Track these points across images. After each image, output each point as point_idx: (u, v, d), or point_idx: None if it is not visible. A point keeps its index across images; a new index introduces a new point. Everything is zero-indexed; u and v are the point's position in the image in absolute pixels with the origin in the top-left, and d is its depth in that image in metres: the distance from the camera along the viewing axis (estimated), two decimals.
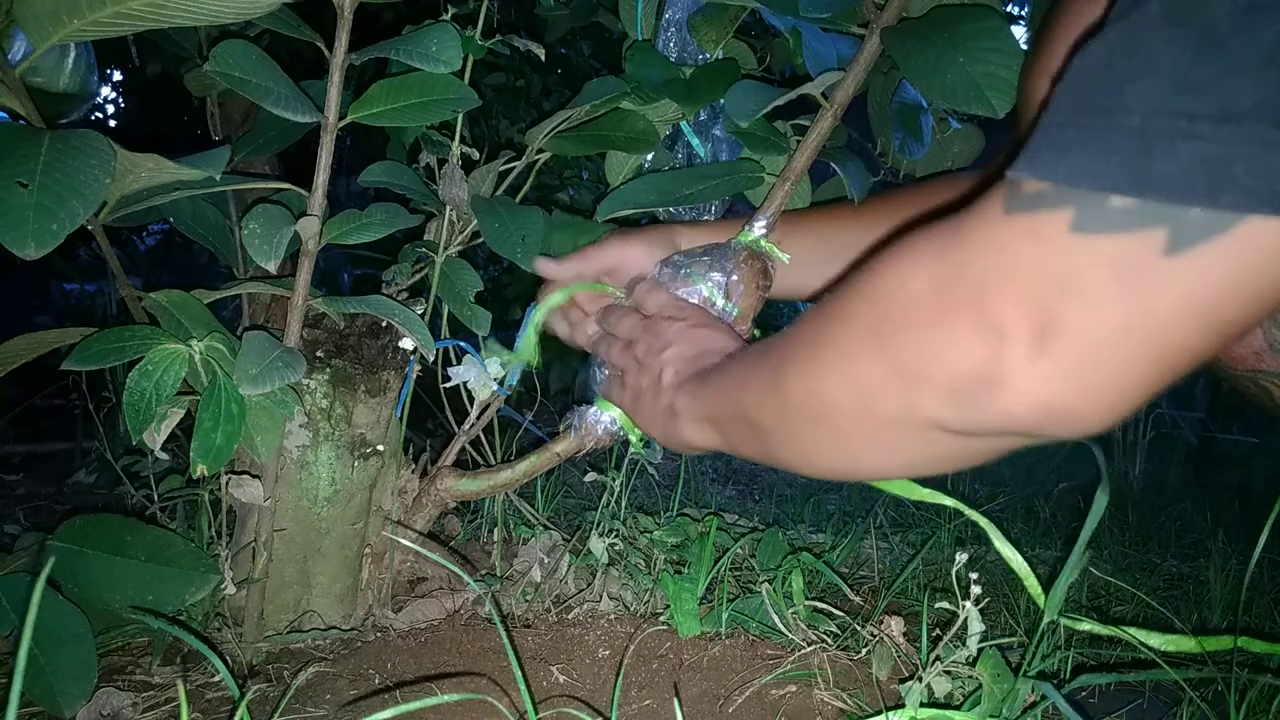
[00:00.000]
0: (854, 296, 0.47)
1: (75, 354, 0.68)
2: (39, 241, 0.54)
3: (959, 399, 0.41)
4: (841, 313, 0.48)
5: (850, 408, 0.47)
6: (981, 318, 0.39)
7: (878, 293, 0.45)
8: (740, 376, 0.58)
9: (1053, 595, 0.73)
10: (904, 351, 0.43)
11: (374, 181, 0.86)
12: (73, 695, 0.70)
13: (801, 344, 0.52)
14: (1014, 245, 0.38)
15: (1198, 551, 1.48)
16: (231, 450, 0.71)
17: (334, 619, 0.91)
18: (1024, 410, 0.39)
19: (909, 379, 0.43)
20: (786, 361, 0.52)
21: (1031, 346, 0.38)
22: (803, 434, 0.53)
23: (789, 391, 0.52)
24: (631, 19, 1.00)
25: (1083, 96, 0.36)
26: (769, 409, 0.54)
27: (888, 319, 0.44)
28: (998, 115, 0.69)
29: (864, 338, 0.46)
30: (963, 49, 0.70)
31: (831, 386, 0.48)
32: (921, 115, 1.04)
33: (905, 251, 0.44)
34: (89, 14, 0.60)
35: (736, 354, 0.64)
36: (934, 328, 0.41)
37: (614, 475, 1.11)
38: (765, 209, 0.84)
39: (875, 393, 0.45)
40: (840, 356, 0.47)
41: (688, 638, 0.89)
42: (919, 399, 0.43)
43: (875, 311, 0.45)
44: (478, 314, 0.91)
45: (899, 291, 0.43)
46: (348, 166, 1.65)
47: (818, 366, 0.49)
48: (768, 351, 0.56)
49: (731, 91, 0.84)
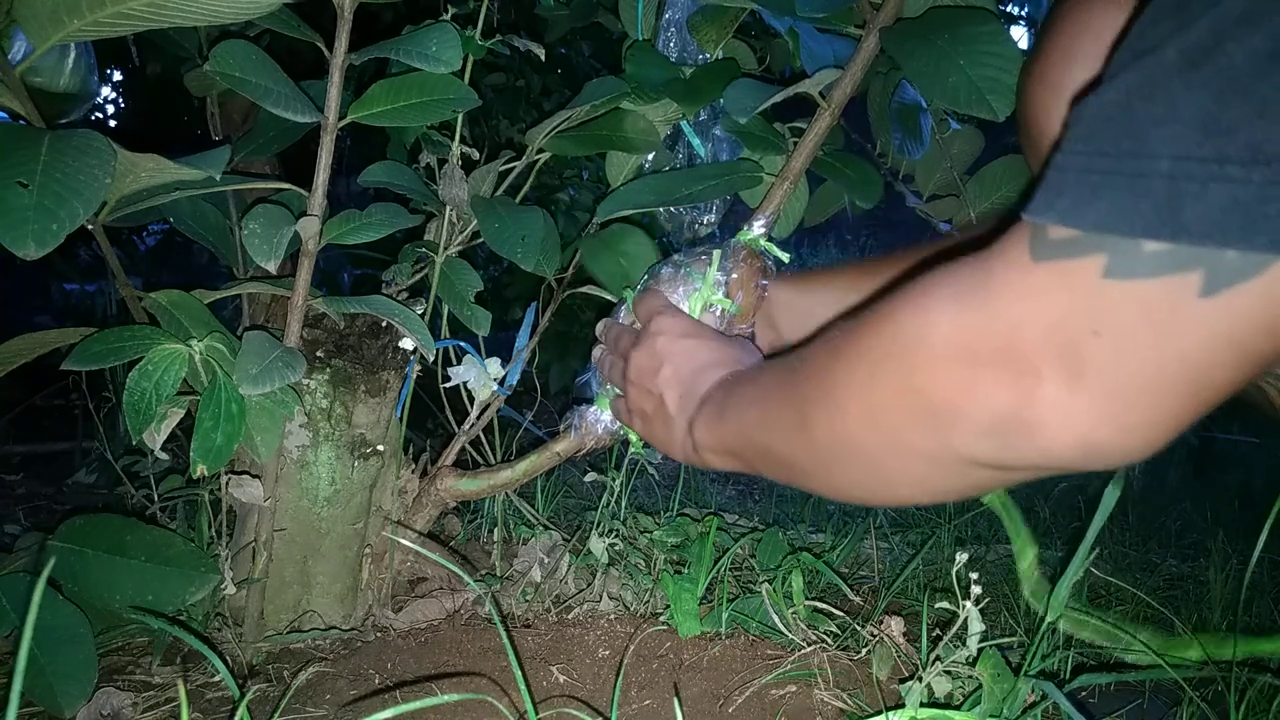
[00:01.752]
0: (873, 340, 0.47)
1: (75, 354, 0.68)
2: (39, 241, 0.54)
3: (996, 439, 0.41)
4: (861, 356, 0.48)
5: (882, 449, 0.47)
6: (1014, 362, 0.39)
7: (901, 337, 0.45)
8: (760, 414, 0.57)
9: (1056, 594, 0.73)
10: (935, 397, 0.43)
11: (374, 181, 0.86)
12: (73, 695, 0.70)
13: (823, 387, 0.51)
14: (1045, 291, 0.38)
15: (1198, 551, 1.48)
16: (231, 450, 0.71)
17: (334, 619, 0.91)
18: (1063, 448, 0.40)
19: (942, 422, 0.43)
20: (810, 404, 0.52)
21: (1067, 387, 0.38)
22: (834, 471, 0.52)
23: (816, 434, 0.51)
24: (631, 19, 1.00)
25: (1103, 141, 0.36)
26: (797, 448, 0.54)
27: (914, 365, 0.44)
28: (998, 118, 0.69)
29: (890, 384, 0.45)
30: (963, 52, 0.70)
31: (861, 430, 0.48)
32: (921, 115, 1.05)
33: (926, 296, 0.44)
34: (89, 14, 0.60)
35: (745, 379, 0.63)
36: (965, 373, 0.41)
37: (614, 475, 1.11)
38: (764, 209, 0.84)
39: (907, 435, 0.45)
40: (867, 402, 0.47)
41: (688, 638, 0.90)
42: (954, 440, 0.43)
43: (899, 357, 0.45)
44: (478, 314, 0.92)
45: (923, 337, 0.43)
46: (348, 166, 1.65)
47: (844, 413, 0.49)
48: (787, 387, 0.55)
49: (730, 89, 0.85)
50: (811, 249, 4.78)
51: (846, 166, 0.91)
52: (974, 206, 1.09)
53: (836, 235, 4.93)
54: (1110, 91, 0.37)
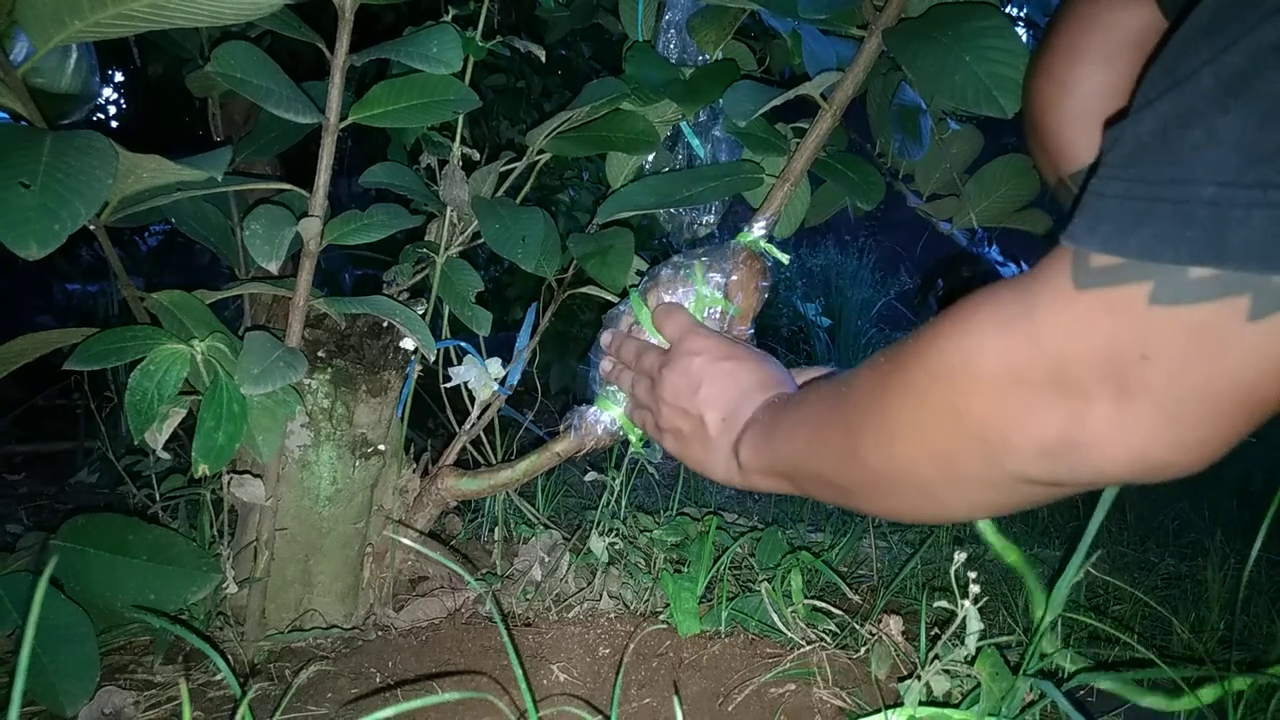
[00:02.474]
0: (918, 368, 0.47)
1: (77, 354, 0.68)
2: (41, 242, 0.54)
3: (1050, 461, 0.42)
4: (908, 385, 0.48)
5: (934, 474, 0.48)
6: (1065, 386, 0.40)
7: (946, 366, 0.45)
8: (810, 440, 0.58)
9: (1055, 593, 0.74)
10: (986, 423, 0.44)
11: (375, 182, 0.86)
12: (75, 694, 0.70)
13: (871, 415, 0.51)
14: (1091, 318, 0.39)
15: (1196, 550, 1.48)
16: (233, 450, 0.71)
17: (335, 618, 0.91)
18: (1117, 466, 0.40)
19: (995, 447, 0.44)
20: (859, 433, 0.52)
21: (1119, 408, 0.39)
22: (886, 495, 0.53)
23: (867, 461, 0.52)
24: (631, 20, 1.00)
25: (1142, 167, 0.37)
26: (849, 475, 0.54)
27: (962, 393, 0.44)
28: (1006, 115, 0.68)
29: (939, 412, 0.46)
30: (968, 49, 0.70)
31: (912, 458, 0.48)
32: (920, 116, 1.05)
33: (968, 323, 0.44)
34: (91, 15, 0.60)
35: (792, 403, 0.62)
36: (1015, 399, 0.42)
37: (614, 475, 1.11)
38: (765, 209, 0.85)
39: (959, 461, 0.46)
40: (916, 431, 0.48)
41: (687, 636, 0.90)
42: (1008, 463, 0.44)
43: (946, 385, 0.45)
44: (478, 314, 0.92)
45: (970, 364, 0.44)
46: (349, 167, 1.65)
47: (894, 441, 0.49)
48: (834, 413, 0.55)
49: (730, 91, 0.85)
50: (811, 249, 4.78)
51: (848, 168, 0.91)
52: (974, 206, 1.09)
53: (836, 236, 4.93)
54: (1147, 119, 0.37)
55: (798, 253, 4.52)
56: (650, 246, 2.16)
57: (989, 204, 1.09)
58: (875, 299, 4.22)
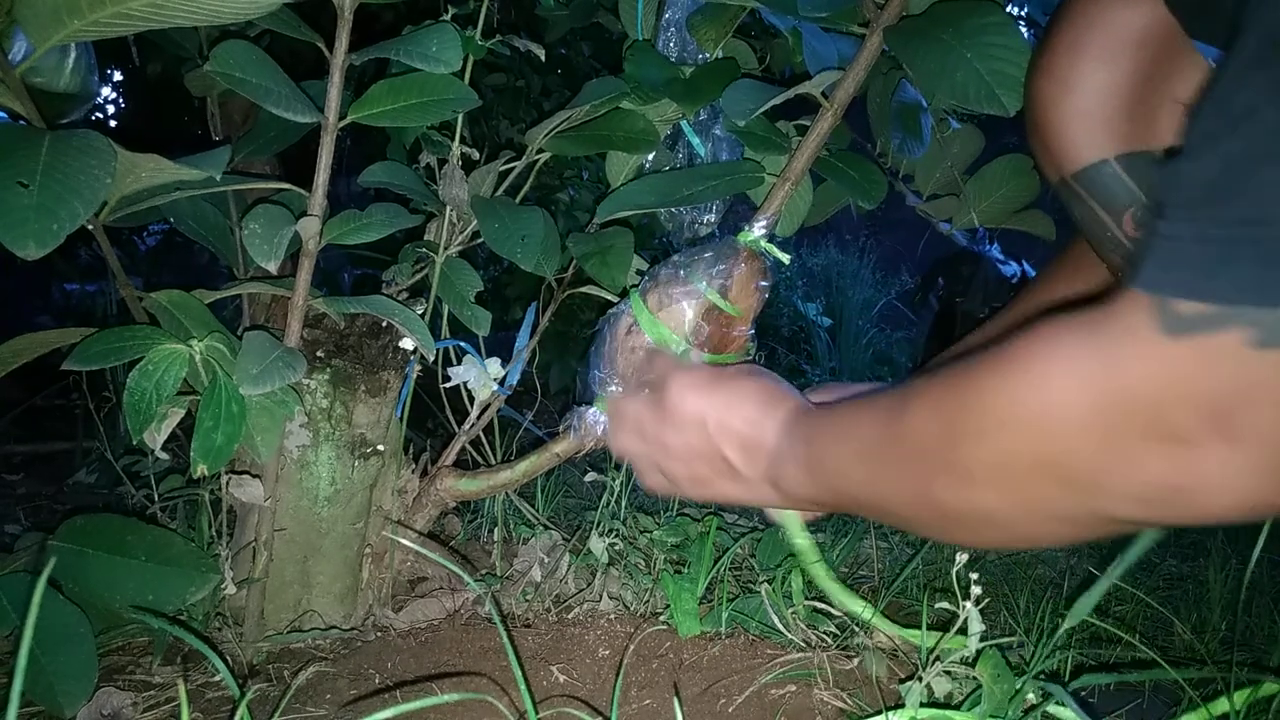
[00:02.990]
0: (990, 420, 0.45)
1: (76, 354, 0.68)
2: (39, 241, 0.54)
3: (1149, 506, 0.41)
4: (984, 435, 0.46)
5: (1018, 514, 0.47)
6: (1165, 432, 0.39)
7: (1024, 418, 0.44)
8: (870, 474, 0.55)
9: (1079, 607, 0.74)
10: (1080, 470, 0.42)
11: (374, 182, 0.86)
12: (73, 695, 0.70)
13: (945, 459, 0.49)
14: (1187, 368, 0.38)
15: (1197, 551, 1.48)
16: (232, 450, 0.71)
17: (334, 619, 0.91)
18: (1223, 509, 0.40)
19: (1088, 493, 0.43)
20: (931, 475, 0.50)
21: (1224, 453, 0.38)
22: (962, 530, 0.52)
23: (942, 501, 0.50)
24: (631, 19, 1.00)
25: (1214, 209, 0.36)
26: (920, 511, 0.52)
27: (1049, 444, 0.43)
28: (1009, 113, 0.68)
29: (1022, 461, 0.44)
30: (970, 46, 0.69)
31: (995, 501, 0.47)
32: (921, 115, 1.05)
33: (1040, 375, 0.43)
34: (89, 14, 0.60)
35: (830, 428, 0.59)
36: (1112, 448, 0.41)
37: (614, 475, 1.11)
38: (765, 209, 0.84)
39: (1048, 504, 0.45)
40: (998, 479, 0.46)
41: (687, 637, 0.90)
42: (1102, 507, 0.43)
43: (1029, 437, 0.44)
44: (478, 314, 0.92)
45: (1053, 417, 0.42)
46: (348, 167, 1.65)
47: (973, 485, 0.48)
48: (895, 448, 0.53)
49: (729, 91, 0.84)
50: (811, 249, 4.78)
51: (850, 167, 0.90)
52: (974, 206, 1.09)
53: (837, 235, 4.93)
54: (1208, 158, 0.36)
55: (798, 252, 4.52)
56: (650, 246, 2.16)
57: (989, 204, 1.08)
58: (876, 299, 4.22)
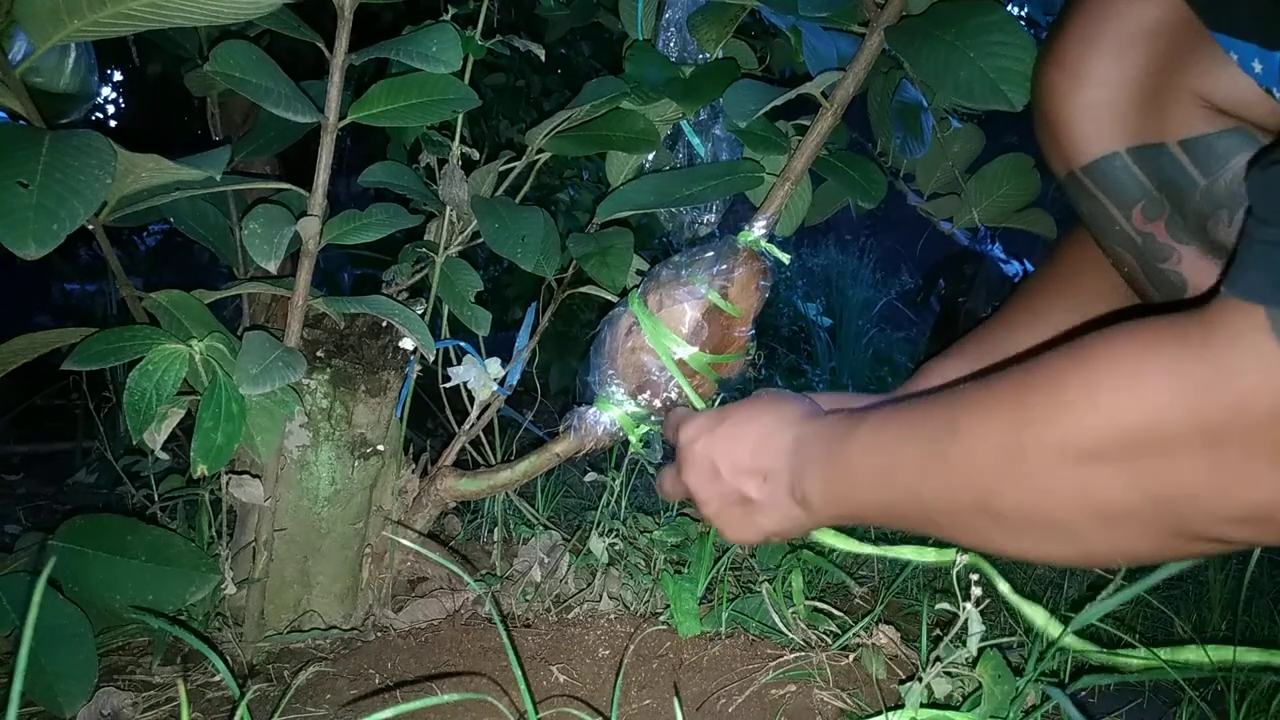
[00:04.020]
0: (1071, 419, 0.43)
1: (76, 354, 0.68)
2: (39, 241, 0.54)
3: (1250, 526, 0.40)
4: (1058, 430, 0.44)
5: (1094, 531, 0.45)
6: (1273, 450, 0.38)
7: (1113, 419, 0.42)
8: (916, 485, 0.53)
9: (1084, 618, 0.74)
10: (1173, 483, 0.41)
11: (374, 182, 0.86)
12: (73, 695, 0.70)
13: (1015, 473, 0.46)
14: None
15: None
16: (232, 450, 0.71)
17: (334, 619, 0.91)
18: None
19: (1183, 507, 0.41)
20: (997, 488, 0.48)
21: None
22: (1024, 542, 0.49)
23: (1005, 513, 0.48)
24: (631, 19, 1.00)
25: None
26: (976, 524, 0.50)
27: (1137, 448, 0.41)
28: (1015, 109, 0.67)
29: (1105, 465, 0.42)
30: (973, 44, 0.69)
31: (1068, 513, 0.45)
32: (921, 114, 1.04)
33: (1140, 380, 0.41)
34: (89, 14, 0.60)
35: (860, 437, 0.57)
36: (1212, 461, 0.39)
37: (614, 475, 1.11)
38: (766, 209, 0.84)
39: (1131, 519, 0.43)
40: (1074, 483, 0.44)
41: (688, 637, 0.89)
42: (1196, 525, 0.42)
43: (1114, 437, 0.42)
44: (478, 314, 0.92)
45: (1149, 421, 0.41)
46: (348, 167, 1.65)
47: (1042, 494, 0.46)
48: (944, 461, 0.50)
49: (730, 91, 0.84)
50: (811, 249, 4.78)
51: (850, 166, 0.90)
52: (975, 205, 1.09)
53: (837, 235, 4.93)
54: None
55: (798, 252, 4.51)
56: (650, 246, 2.16)
57: (990, 203, 1.08)
58: (876, 298, 4.22)
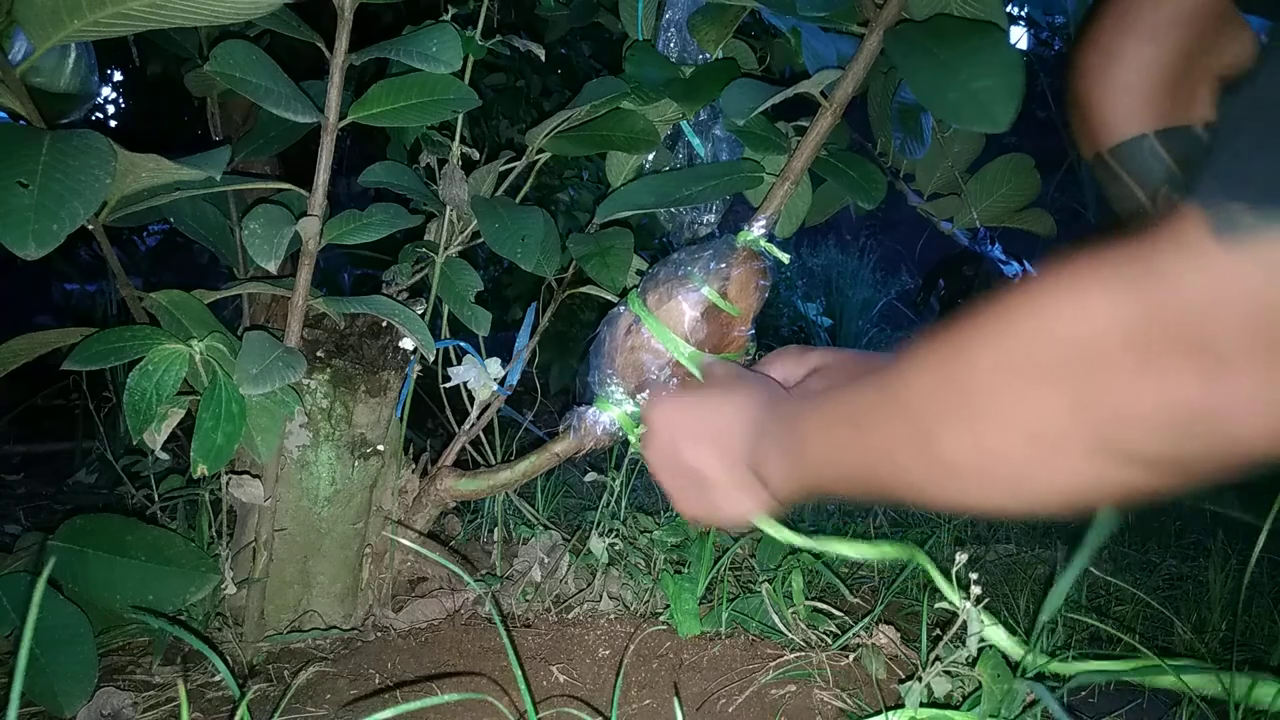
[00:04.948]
0: (1010, 336, 0.43)
1: (76, 354, 0.68)
2: (40, 241, 0.54)
3: (1176, 435, 0.39)
4: (998, 355, 0.44)
5: (1029, 459, 0.44)
6: (1203, 350, 0.37)
7: (1059, 335, 0.41)
8: (859, 440, 0.53)
9: (1052, 596, 0.73)
10: (1103, 394, 0.40)
11: (374, 182, 0.86)
12: (73, 695, 0.70)
13: (952, 401, 0.46)
14: (1237, 275, 0.36)
15: (1197, 551, 1.48)
16: (232, 450, 0.71)
17: (334, 619, 0.91)
18: (1256, 437, 0.37)
19: (1112, 421, 0.40)
20: (934, 421, 0.47)
21: (1264, 374, 0.36)
22: (964, 488, 0.48)
23: (945, 452, 0.47)
24: (632, 19, 1.00)
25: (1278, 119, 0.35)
26: (916, 470, 0.50)
27: (1073, 360, 0.40)
28: (1001, 129, 0.68)
29: (1041, 384, 0.42)
30: (965, 65, 0.70)
31: (1006, 443, 0.44)
32: (921, 115, 1.05)
33: (1084, 288, 0.41)
34: (89, 14, 0.60)
35: (812, 408, 0.58)
36: (1141, 365, 0.39)
37: (614, 475, 1.11)
38: (765, 209, 0.84)
39: (1065, 441, 0.42)
40: (1017, 412, 0.43)
41: (688, 637, 0.90)
42: (1123, 439, 0.41)
43: (1051, 352, 0.41)
44: (478, 314, 0.92)
45: (1082, 327, 0.40)
46: (348, 167, 1.65)
47: (985, 425, 0.45)
48: (891, 405, 0.51)
49: (728, 90, 0.84)
50: (811, 249, 4.78)
51: (849, 166, 0.90)
52: (975, 205, 1.09)
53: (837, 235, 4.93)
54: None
55: (798, 252, 4.52)
56: (650, 246, 2.16)
57: (990, 203, 1.08)
58: (876, 299, 4.22)
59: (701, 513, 0.69)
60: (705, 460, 0.66)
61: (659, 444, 0.70)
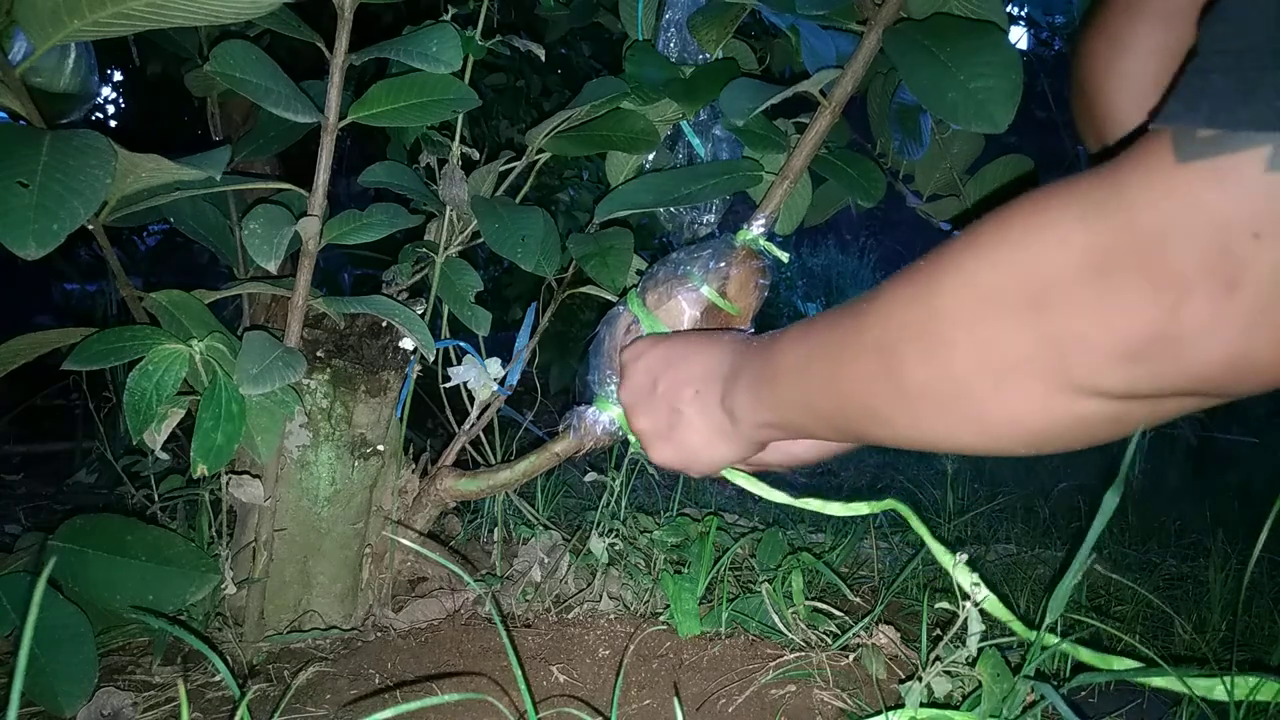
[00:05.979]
0: (982, 264, 0.42)
1: (76, 354, 0.68)
2: (40, 241, 0.54)
3: (1131, 363, 0.38)
4: (966, 285, 0.43)
5: (989, 387, 0.43)
6: (1159, 273, 0.36)
7: (1019, 258, 0.41)
8: (827, 370, 0.53)
9: (1055, 595, 0.73)
10: (1061, 319, 0.39)
11: (374, 182, 0.86)
12: (73, 695, 0.70)
13: (914, 325, 0.46)
14: (1194, 193, 0.35)
15: (1197, 551, 1.48)
16: (232, 450, 0.71)
17: (334, 619, 0.91)
18: (1211, 367, 0.36)
19: (1069, 348, 0.40)
20: (897, 346, 0.47)
21: (1220, 298, 0.35)
22: (923, 419, 0.48)
23: (906, 379, 0.47)
24: (632, 19, 1.00)
25: (1247, 39, 0.34)
26: (880, 399, 0.49)
27: (1034, 285, 0.40)
28: (1000, 130, 0.68)
29: (1004, 309, 0.41)
30: (964, 66, 0.70)
31: (966, 368, 0.44)
32: (921, 115, 1.05)
33: (1045, 211, 0.40)
34: (89, 14, 0.60)
35: (781, 344, 0.58)
36: (1098, 289, 0.38)
37: (614, 475, 1.11)
38: (764, 208, 0.84)
39: (1024, 368, 0.42)
40: (976, 336, 0.43)
41: (688, 637, 0.90)
42: (1082, 368, 0.40)
43: (1014, 277, 0.41)
44: (478, 314, 0.92)
45: (1044, 253, 0.39)
46: (348, 167, 1.65)
47: (946, 349, 0.44)
48: (856, 334, 0.50)
49: (728, 90, 0.84)
50: (811, 248, 4.79)
51: (849, 165, 0.91)
52: (974, 205, 1.09)
53: (836, 235, 4.93)
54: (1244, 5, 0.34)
55: (798, 252, 4.52)
56: (650, 246, 2.16)
57: (990, 203, 1.08)
58: None
59: (677, 460, 0.70)
60: (682, 398, 0.66)
61: (635, 384, 0.70)
